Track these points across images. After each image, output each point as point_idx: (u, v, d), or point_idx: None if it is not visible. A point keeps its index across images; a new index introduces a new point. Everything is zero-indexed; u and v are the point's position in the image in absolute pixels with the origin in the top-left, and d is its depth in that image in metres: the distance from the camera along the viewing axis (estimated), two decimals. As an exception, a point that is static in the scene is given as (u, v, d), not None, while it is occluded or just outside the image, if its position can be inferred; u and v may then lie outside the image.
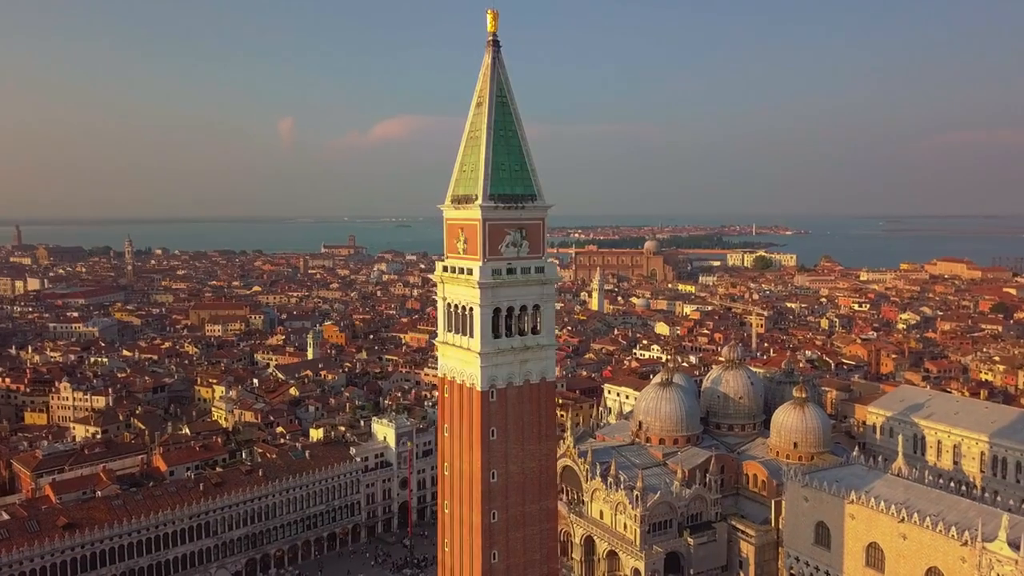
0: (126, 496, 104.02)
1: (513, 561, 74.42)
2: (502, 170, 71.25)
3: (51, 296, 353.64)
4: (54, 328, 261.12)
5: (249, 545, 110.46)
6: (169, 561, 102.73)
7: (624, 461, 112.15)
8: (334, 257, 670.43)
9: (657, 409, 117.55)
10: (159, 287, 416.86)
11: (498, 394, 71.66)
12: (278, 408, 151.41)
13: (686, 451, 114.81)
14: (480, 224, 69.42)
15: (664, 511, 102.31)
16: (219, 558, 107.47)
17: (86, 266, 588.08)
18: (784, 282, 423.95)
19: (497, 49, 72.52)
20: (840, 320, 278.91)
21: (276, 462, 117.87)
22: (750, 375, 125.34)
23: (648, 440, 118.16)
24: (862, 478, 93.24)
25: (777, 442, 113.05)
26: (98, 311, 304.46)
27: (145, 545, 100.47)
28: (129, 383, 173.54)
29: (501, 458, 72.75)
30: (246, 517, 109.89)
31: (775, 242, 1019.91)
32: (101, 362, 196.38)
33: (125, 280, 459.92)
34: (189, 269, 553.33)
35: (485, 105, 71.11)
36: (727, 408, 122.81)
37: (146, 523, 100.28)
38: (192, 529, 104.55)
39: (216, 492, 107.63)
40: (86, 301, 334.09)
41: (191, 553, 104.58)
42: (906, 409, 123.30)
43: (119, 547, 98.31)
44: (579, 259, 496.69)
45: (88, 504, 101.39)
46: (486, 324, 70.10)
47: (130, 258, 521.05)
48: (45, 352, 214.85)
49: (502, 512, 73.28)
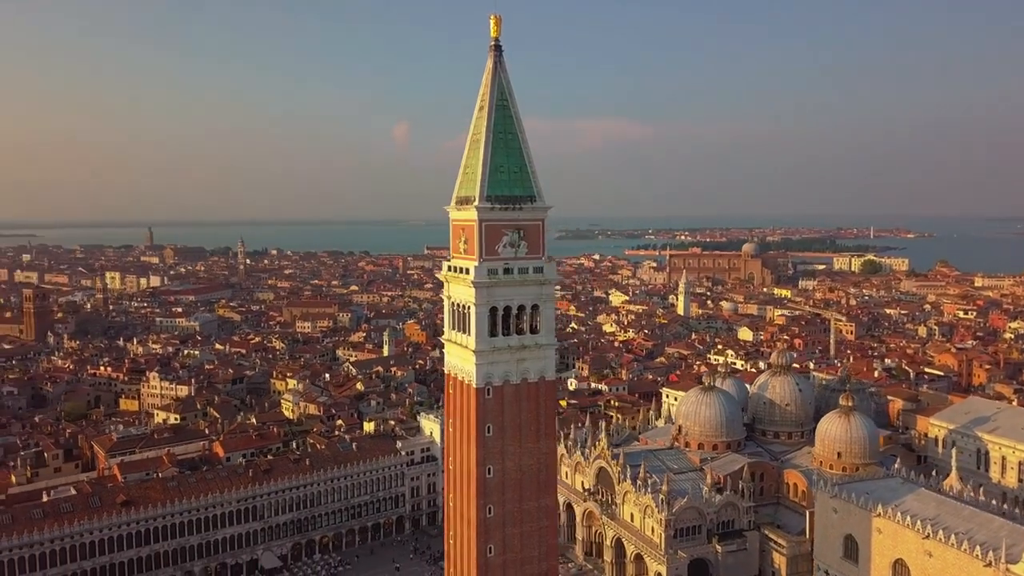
0: (181, 478, 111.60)
1: (510, 557, 75.59)
2: (501, 172, 72.71)
3: (166, 293, 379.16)
4: (160, 322, 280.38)
5: (295, 530, 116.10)
6: (218, 541, 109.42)
7: (659, 465, 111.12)
8: (435, 259, 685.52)
9: (697, 414, 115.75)
10: (264, 285, 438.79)
11: (494, 391, 73.09)
12: (340, 402, 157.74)
13: (724, 457, 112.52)
14: (477, 225, 71.15)
15: (692, 516, 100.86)
16: (265, 541, 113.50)
17: (205, 265, 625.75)
18: (889, 287, 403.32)
19: (499, 54, 74.05)
20: (940, 328, 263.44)
21: (324, 452, 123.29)
22: (798, 381, 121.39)
23: (687, 445, 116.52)
24: (895, 491, 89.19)
25: (821, 451, 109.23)
26: (204, 307, 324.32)
27: (195, 525, 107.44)
28: (212, 374, 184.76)
29: (498, 455, 74.09)
30: (292, 503, 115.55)
31: (893, 245, 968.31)
32: (193, 355, 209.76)
33: (236, 279, 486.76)
34: (296, 268, 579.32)
35: (486, 109, 72.85)
36: (773, 415, 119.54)
37: (196, 504, 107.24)
38: (240, 512, 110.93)
39: (264, 478, 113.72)
40: (195, 298, 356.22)
41: (239, 535, 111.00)
42: (970, 422, 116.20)
43: (171, 525, 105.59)
44: (673, 262, 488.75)
45: (147, 484, 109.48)
46: (482, 323, 71.75)
47: (242, 258, 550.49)
48: (148, 344, 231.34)
49: (498, 508, 74.60)
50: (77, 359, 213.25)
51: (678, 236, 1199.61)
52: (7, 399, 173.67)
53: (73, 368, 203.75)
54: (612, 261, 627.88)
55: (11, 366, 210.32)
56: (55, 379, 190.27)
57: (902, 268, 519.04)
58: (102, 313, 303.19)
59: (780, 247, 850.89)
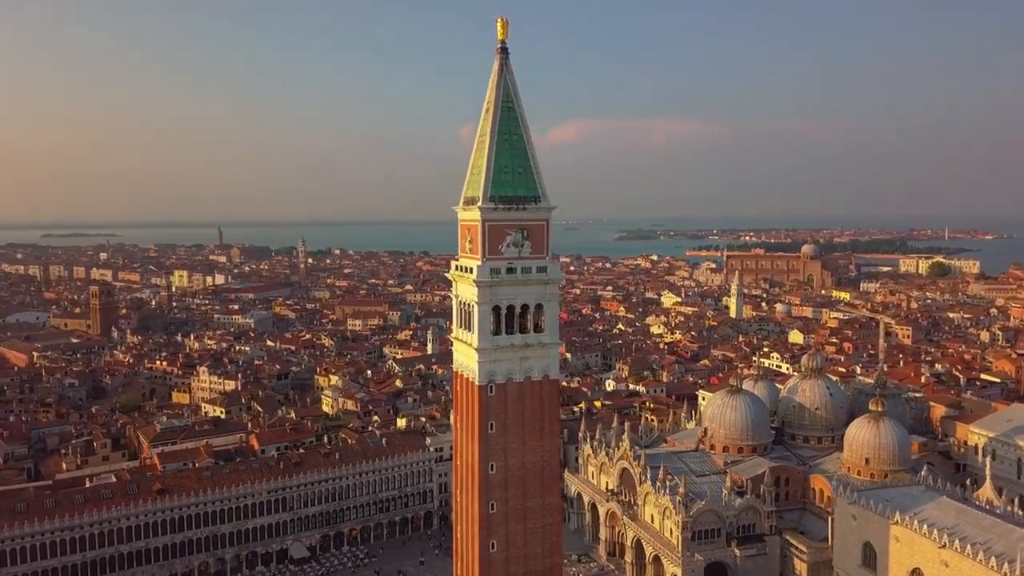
0: (216, 469, 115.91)
1: (512, 553, 76.45)
2: (505, 172, 73.66)
3: (227, 291, 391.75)
4: (218, 319, 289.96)
5: (324, 522, 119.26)
6: (248, 530, 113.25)
7: (681, 467, 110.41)
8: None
9: (722, 416, 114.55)
10: (323, 284, 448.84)
11: (497, 389, 74.04)
12: (377, 398, 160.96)
13: (749, 461, 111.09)
14: (480, 224, 72.28)
15: (710, 519, 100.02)
16: (295, 531, 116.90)
17: (269, 264, 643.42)
18: (956, 290, 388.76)
19: (505, 56, 74.83)
20: (1005, 333, 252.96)
21: (354, 447, 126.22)
22: (829, 385, 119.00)
23: (712, 448, 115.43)
24: (915, 499, 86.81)
25: (849, 457, 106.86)
26: (261, 305, 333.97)
27: (227, 514, 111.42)
28: (259, 370, 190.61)
29: (500, 451, 75.01)
30: (321, 496, 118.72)
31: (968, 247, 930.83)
32: (243, 351, 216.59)
33: (297, 277, 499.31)
34: (356, 268, 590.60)
35: (491, 111, 73.94)
36: (802, 419, 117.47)
37: (228, 494, 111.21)
38: (270, 503, 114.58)
39: (295, 471, 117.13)
40: (254, 296, 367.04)
41: (269, 524, 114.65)
42: (1011, 430, 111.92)
43: (204, 513, 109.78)
44: (730, 263, 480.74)
45: (183, 474, 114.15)
46: (484, 321, 72.80)
47: (303, 257, 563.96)
48: (203, 340, 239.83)
49: (501, 504, 75.50)
50: (136, 353, 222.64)
51: (742, 236, 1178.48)
52: (68, 390, 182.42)
53: (132, 362, 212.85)
54: (670, 262, 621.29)
55: (76, 359, 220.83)
56: (114, 372, 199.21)
57: (972, 270, 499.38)
58: (164, 310, 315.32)
59: (847, 248, 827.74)
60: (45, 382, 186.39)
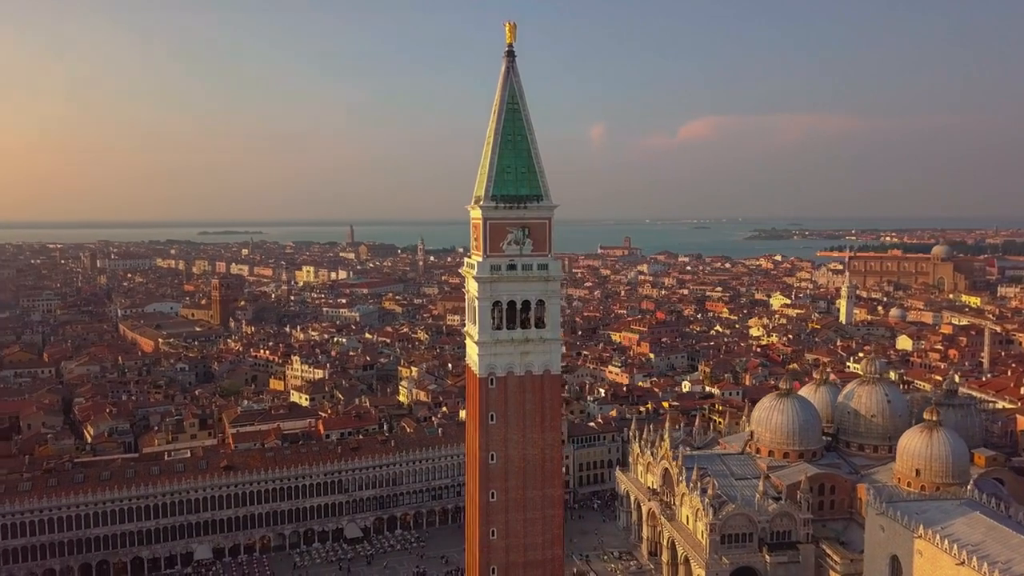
0: (279, 450, 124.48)
1: (512, 541, 78.78)
2: (507, 172, 76.20)
3: (344, 285, 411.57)
4: (326, 312, 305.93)
5: (377, 505, 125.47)
6: (307, 509, 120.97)
7: (722, 470, 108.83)
8: (606, 258, 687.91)
9: (768, 420, 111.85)
10: (436, 281, 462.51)
11: (497, 382, 76.60)
12: (449, 390, 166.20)
13: (793, 466, 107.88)
14: (482, 223, 75.24)
15: (741, 523, 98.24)
16: (350, 513, 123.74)
17: (392, 261, 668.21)
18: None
19: (512, 60, 77.15)
20: None
21: (411, 435, 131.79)
22: (888, 391, 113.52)
23: (758, 451, 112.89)
24: (947, 513, 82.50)
25: (900, 468, 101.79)
26: (372, 299, 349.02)
27: (286, 492, 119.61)
28: (348, 360, 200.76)
29: (500, 442, 77.52)
30: (376, 480, 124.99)
31: None
32: (340, 342, 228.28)
33: (414, 274, 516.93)
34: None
35: (497, 112, 76.67)
36: (857, 426, 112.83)
37: (288, 473, 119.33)
38: (327, 484, 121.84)
39: (351, 455, 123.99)
40: (368, 291, 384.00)
41: (325, 504, 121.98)
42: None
43: (265, 490, 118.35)
44: (852, 264, 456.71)
45: (249, 453, 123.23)
46: (484, 315, 75.63)
47: (422, 255, 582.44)
48: (308, 331, 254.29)
49: (501, 494, 78.01)
50: (246, 342, 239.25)
51: (883, 237, 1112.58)
52: (179, 374, 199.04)
53: (240, 350, 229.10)
54: (794, 263, 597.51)
55: (194, 346, 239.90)
56: (222, 359, 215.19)
57: None
58: (282, 302, 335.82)
59: (997, 250, 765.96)
60: (161, 366, 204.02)
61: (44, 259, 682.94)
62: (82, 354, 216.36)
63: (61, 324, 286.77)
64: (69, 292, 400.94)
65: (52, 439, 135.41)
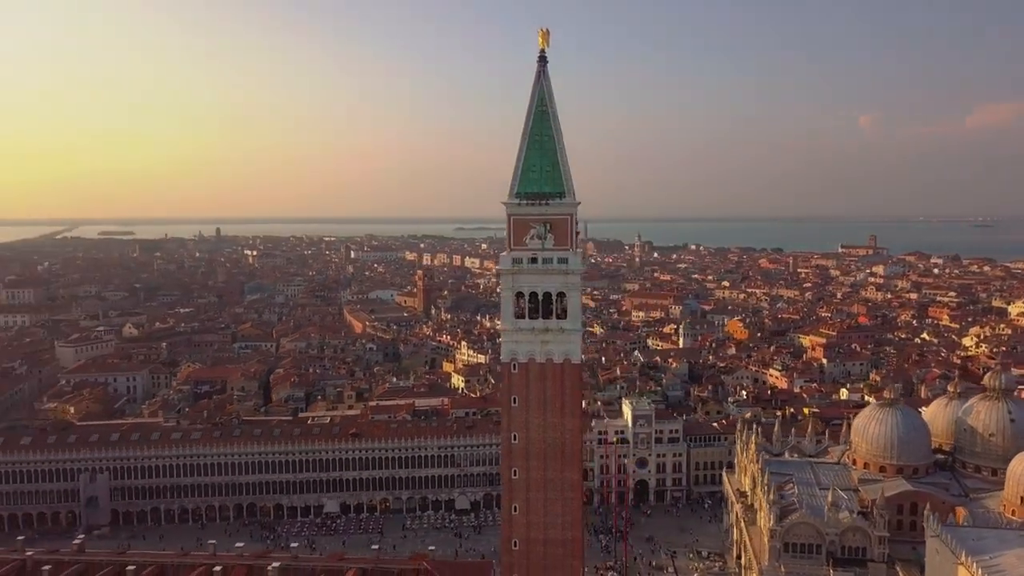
0: (402, 422, 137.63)
1: (533, 518, 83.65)
2: (532, 171, 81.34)
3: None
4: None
5: (487, 482, 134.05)
6: (421, 478, 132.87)
7: (808, 478, 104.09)
8: (844, 257, 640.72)
9: (865, 429, 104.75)
10: (644, 277, 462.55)
11: (520, 368, 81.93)
12: (588, 382, 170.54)
13: (888, 481, 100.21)
14: (507, 219, 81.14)
15: (808, 533, 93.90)
16: (461, 486, 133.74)
17: (614, 258, 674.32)
18: None
19: (543, 65, 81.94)
20: None
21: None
22: (1012, 409, 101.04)
23: (854, 463, 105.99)
24: (1005, 542, 74.50)
25: (1007, 494, 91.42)
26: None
27: (403, 461, 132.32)
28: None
29: (522, 424, 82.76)
30: (486, 458, 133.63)
31: None
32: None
33: (626, 269, 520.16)
34: (693, 263, 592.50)
35: (528, 115, 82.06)
36: (973, 445, 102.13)
37: (404, 444, 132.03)
38: (439, 457, 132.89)
39: (465, 432, 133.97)
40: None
41: (437, 476, 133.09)
42: None
43: (384, 458, 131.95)
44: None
45: (376, 423, 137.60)
46: (507, 305, 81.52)
47: (638, 251, 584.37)
48: (494, 320, 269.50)
49: (523, 472, 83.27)
50: (436, 327, 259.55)
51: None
52: (367, 353, 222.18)
53: (430, 334, 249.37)
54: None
55: (392, 329, 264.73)
56: (408, 341, 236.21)
57: None
58: (488, 293, 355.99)
59: None
60: (355, 346, 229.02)
61: (313, 250, 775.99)
62: (297, 332, 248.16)
63: (298, 306, 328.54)
64: (319, 279, 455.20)
65: (239, 400, 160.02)
